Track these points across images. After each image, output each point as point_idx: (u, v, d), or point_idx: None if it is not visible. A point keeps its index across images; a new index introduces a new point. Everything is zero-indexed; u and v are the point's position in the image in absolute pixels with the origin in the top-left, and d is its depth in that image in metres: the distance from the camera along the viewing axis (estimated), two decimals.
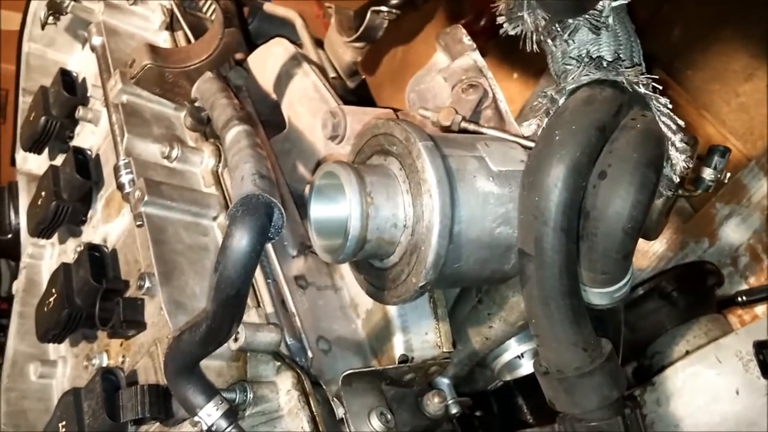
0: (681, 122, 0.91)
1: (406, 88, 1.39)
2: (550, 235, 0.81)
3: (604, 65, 0.87)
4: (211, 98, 1.12)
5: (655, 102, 0.88)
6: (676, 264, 1.96)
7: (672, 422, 1.22)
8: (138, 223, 1.14)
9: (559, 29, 0.89)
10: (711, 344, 1.24)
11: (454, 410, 1.20)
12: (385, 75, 2.16)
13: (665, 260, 2.03)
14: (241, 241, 0.73)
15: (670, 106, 0.89)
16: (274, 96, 1.58)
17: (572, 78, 0.87)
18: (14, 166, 1.74)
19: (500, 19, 0.91)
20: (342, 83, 1.82)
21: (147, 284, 1.08)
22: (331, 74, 1.88)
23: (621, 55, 0.89)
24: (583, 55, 0.89)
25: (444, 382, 1.24)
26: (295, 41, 1.90)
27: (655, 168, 0.84)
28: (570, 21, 0.88)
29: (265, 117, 1.61)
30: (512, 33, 0.91)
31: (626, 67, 0.87)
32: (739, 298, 1.73)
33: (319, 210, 0.95)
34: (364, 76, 1.86)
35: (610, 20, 0.88)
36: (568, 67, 0.89)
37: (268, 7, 1.94)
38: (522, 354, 1.28)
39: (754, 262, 1.81)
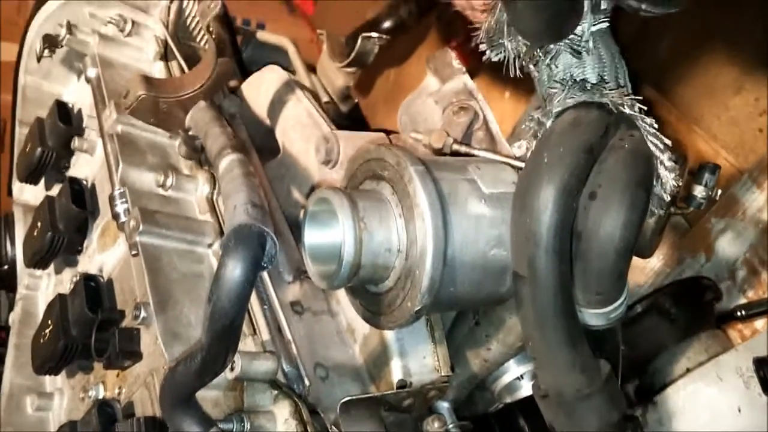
0: (668, 141, 0.92)
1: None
2: (543, 257, 0.82)
3: (588, 87, 0.87)
4: (204, 127, 1.13)
5: (641, 122, 0.88)
6: (674, 279, 1.96)
7: None
8: (133, 252, 1.14)
9: (540, 54, 0.90)
10: (711, 361, 1.24)
11: None
12: (379, 97, 2.17)
13: (663, 276, 2.02)
14: (235, 271, 0.73)
15: (656, 126, 0.90)
16: (268, 122, 1.59)
17: (558, 101, 0.88)
18: (11, 196, 1.75)
19: (482, 47, 0.92)
20: (335, 108, 1.83)
21: (143, 314, 1.08)
22: (324, 99, 1.90)
23: (605, 77, 0.90)
24: (567, 78, 0.89)
25: (444, 406, 1.22)
26: (288, 68, 1.92)
27: (645, 187, 0.84)
28: (551, 46, 0.89)
29: (260, 143, 1.62)
30: (495, 59, 0.92)
31: (610, 89, 0.88)
32: (739, 313, 1.72)
33: (312, 236, 0.95)
34: (357, 100, 1.87)
35: (591, 44, 0.89)
36: (553, 90, 0.90)
37: (261, 35, 1.97)
38: (522, 375, 1.28)
39: (751, 275, 1.81)
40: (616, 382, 0.90)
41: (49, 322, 1.24)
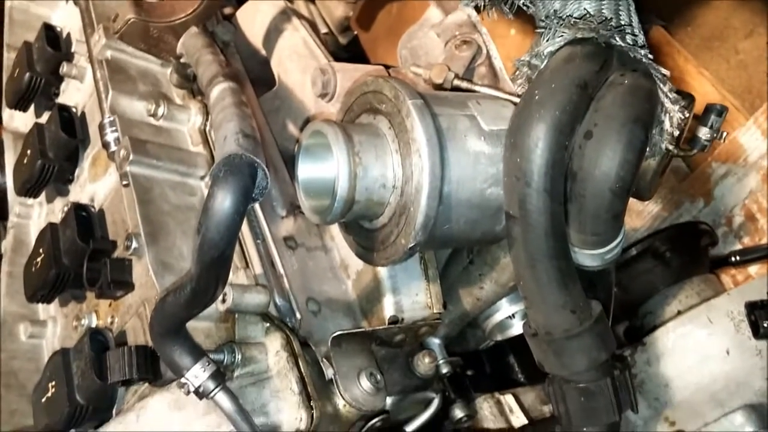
0: (666, 72, 0.89)
1: None
2: (534, 197, 0.80)
3: (579, 24, 0.83)
4: (195, 54, 1.09)
5: (635, 54, 0.84)
6: (671, 224, 1.95)
7: (662, 382, 1.23)
8: (124, 182, 1.12)
9: None
10: (702, 305, 1.24)
11: (444, 370, 1.20)
12: (380, 30, 2.10)
13: (660, 220, 2.02)
14: (224, 202, 0.71)
15: (651, 57, 0.86)
16: (263, 52, 1.54)
17: (547, 40, 0.84)
18: (0, 123, 1.71)
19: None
20: (334, 39, 1.77)
21: (134, 245, 1.07)
22: (323, 30, 1.84)
23: (604, 11, 0.86)
24: (562, 14, 0.86)
25: (435, 342, 1.24)
26: None
27: (643, 124, 0.81)
28: None
29: (255, 74, 1.57)
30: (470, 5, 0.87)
31: (608, 24, 0.84)
32: (733, 258, 1.73)
33: (306, 170, 0.93)
34: (356, 32, 1.81)
35: None
36: (541, 29, 0.86)
37: None
38: (513, 314, 1.28)
39: (748, 222, 1.80)
40: (606, 323, 0.90)
41: (41, 250, 1.22)
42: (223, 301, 0.93)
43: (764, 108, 1.84)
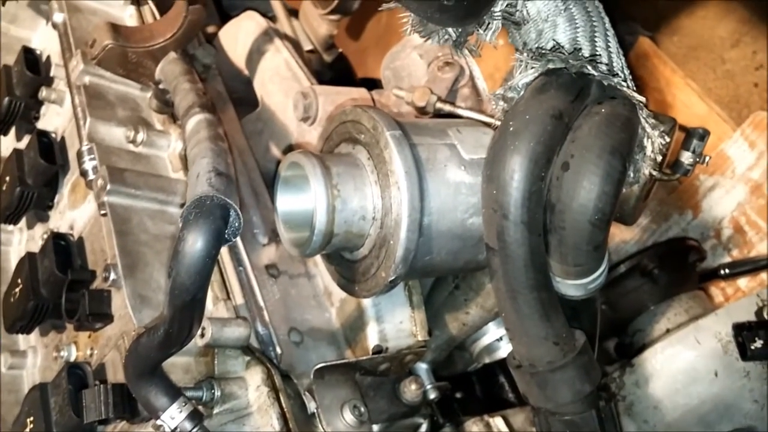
0: (642, 98, 0.88)
1: None
2: (512, 229, 0.79)
3: (549, 56, 0.82)
4: (173, 81, 1.07)
5: (609, 82, 0.83)
6: (660, 235, 1.95)
7: (651, 404, 1.22)
8: (102, 212, 1.10)
9: (481, 30, 0.84)
10: (690, 325, 1.23)
11: (432, 395, 1.19)
12: (369, 41, 2.09)
13: (649, 232, 2.01)
14: (195, 245, 0.69)
15: (628, 82, 0.85)
16: (246, 72, 1.53)
17: (519, 73, 0.83)
18: None
19: (418, 36, 0.86)
20: (318, 57, 1.76)
21: (112, 276, 1.05)
22: (308, 47, 1.83)
23: (578, 39, 0.85)
24: (535, 46, 0.85)
25: (422, 367, 1.22)
26: (268, 12, 1.84)
27: (620, 154, 0.80)
28: (490, 22, 0.82)
29: (239, 94, 1.56)
30: (437, 44, 0.86)
31: (581, 53, 0.83)
32: (722, 271, 1.72)
33: (285, 202, 0.92)
34: (341, 50, 1.80)
35: (527, 12, 0.84)
36: (513, 62, 0.85)
37: None
38: (501, 337, 1.27)
39: (737, 234, 1.80)
40: (590, 354, 0.88)
41: (19, 281, 1.20)
42: (202, 335, 0.92)
43: (751, 120, 1.84)
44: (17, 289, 1.21)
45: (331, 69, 1.78)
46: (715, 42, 2.32)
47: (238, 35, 1.55)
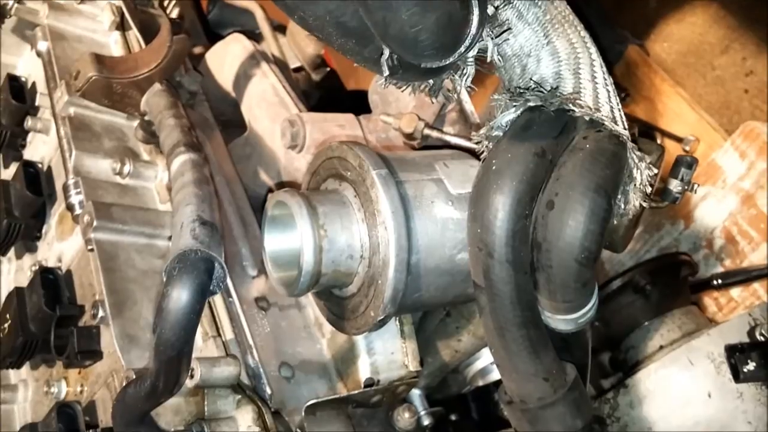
0: (626, 133, 0.87)
1: None
2: (497, 267, 0.78)
3: (527, 95, 0.81)
4: (158, 116, 1.07)
5: (592, 117, 0.83)
6: (652, 245, 1.95)
7: (645, 425, 1.22)
8: (89, 248, 1.09)
9: (457, 76, 0.83)
10: (683, 346, 1.23)
11: (426, 422, 1.18)
12: None
13: (641, 242, 2.01)
14: (179, 301, 0.68)
15: (608, 118, 0.84)
16: (234, 95, 1.52)
17: (500, 113, 0.82)
18: None
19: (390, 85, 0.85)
20: (306, 77, 1.75)
21: (101, 313, 1.04)
22: (296, 64, 1.82)
23: (562, 73, 0.84)
24: (516, 86, 0.84)
25: (415, 393, 1.22)
26: (255, 30, 1.83)
27: (605, 192, 0.79)
28: (464, 68, 0.81)
29: (227, 116, 1.55)
30: (414, 94, 0.85)
31: (557, 92, 0.82)
32: (715, 281, 1.72)
33: (273, 241, 0.91)
34: (329, 68, 1.79)
35: (510, 47, 0.83)
36: (493, 103, 0.84)
37: None
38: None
39: (729, 244, 1.80)
40: (582, 389, 0.88)
41: (8, 316, 1.19)
42: (191, 377, 0.91)
43: (741, 129, 1.84)
44: (6, 325, 1.20)
45: (319, 88, 1.78)
46: (704, 48, 2.32)
47: (225, 58, 1.54)
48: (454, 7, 0.67)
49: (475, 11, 0.72)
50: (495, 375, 1.29)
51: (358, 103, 1.50)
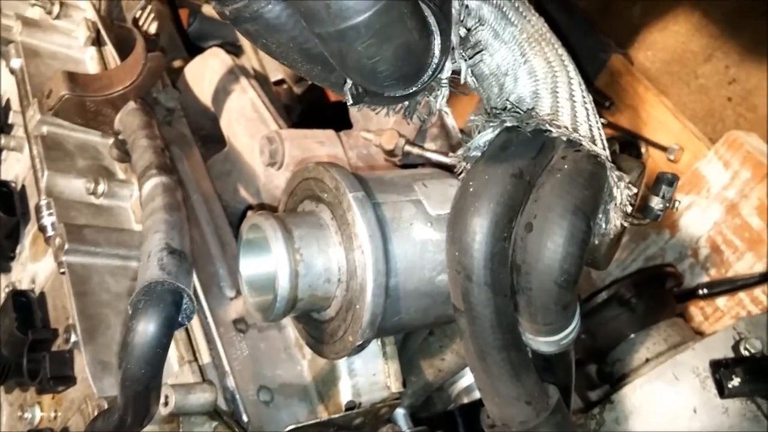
0: (604, 152, 0.86)
1: None
2: (476, 290, 0.77)
3: (503, 116, 0.80)
4: (132, 135, 1.04)
5: (570, 137, 0.81)
6: (638, 255, 1.94)
7: None
8: (61, 270, 1.06)
9: (431, 97, 0.82)
10: (668, 361, 1.22)
11: None
12: None
13: (627, 251, 2.01)
14: (144, 336, 0.66)
15: (583, 139, 0.82)
16: (213, 109, 1.50)
17: (478, 134, 0.81)
18: None
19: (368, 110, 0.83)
20: (289, 90, 1.73)
21: (73, 338, 1.01)
22: (278, 77, 1.80)
23: (539, 92, 0.83)
24: (492, 107, 0.83)
25: (400, 413, 1.19)
26: (235, 42, 1.81)
27: (583, 213, 0.78)
28: (438, 89, 0.80)
29: (207, 130, 1.53)
30: (388, 116, 0.84)
31: (533, 113, 0.81)
32: (701, 291, 1.72)
33: (248, 265, 0.89)
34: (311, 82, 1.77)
35: (487, 67, 0.82)
36: (470, 123, 0.83)
37: (206, 9, 1.83)
38: None
39: (714, 253, 1.80)
40: (564, 411, 0.86)
41: None
42: (166, 404, 0.88)
43: (725, 139, 1.84)
44: None
45: (302, 101, 1.76)
46: (688, 57, 2.33)
47: (204, 72, 1.52)
48: (413, 36, 0.66)
49: (436, 39, 0.70)
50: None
51: (340, 117, 1.49)
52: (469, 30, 0.80)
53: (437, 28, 0.70)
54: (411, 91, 0.73)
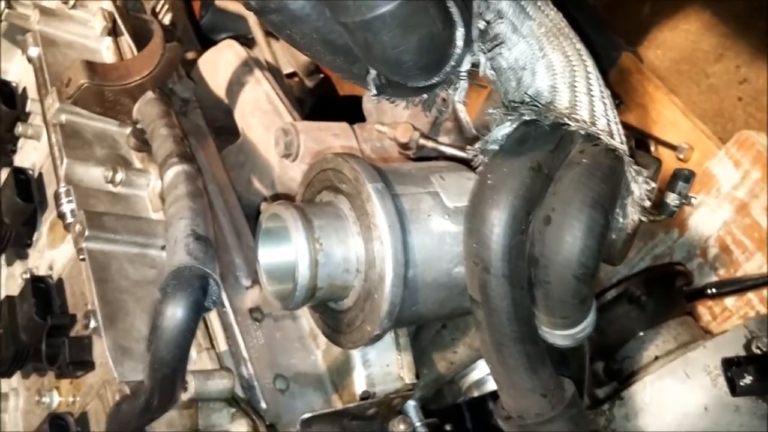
0: (623, 147, 0.87)
1: None
2: (494, 282, 0.78)
3: (521, 109, 0.81)
4: (150, 125, 1.05)
5: (588, 131, 0.82)
6: (646, 254, 1.95)
7: None
8: (81, 257, 1.08)
9: (450, 90, 0.82)
10: (679, 358, 1.22)
11: None
12: None
13: (635, 250, 2.01)
14: (174, 319, 0.67)
15: (601, 133, 0.83)
16: (227, 101, 1.51)
17: (496, 127, 0.82)
18: None
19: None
20: (300, 83, 1.74)
21: (92, 324, 1.02)
22: (289, 70, 1.81)
23: (557, 86, 0.83)
24: (511, 100, 0.83)
25: (411, 405, 1.20)
26: (248, 35, 1.82)
27: (602, 207, 0.79)
28: (457, 82, 0.80)
29: (220, 122, 1.54)
30: (407, 108, 0.84)
31: (551, 106, 0.81)
32: (709, 291, 1.72)
33: (267, 254, 0.90)
34: (322, 75, 1.78)
35: (505, 61, 0.82)
36: (488, 116, 0.84)
37: (220, 2, 1.84)
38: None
39: (723, 253, 1.80)
40: (579, 405, 0.87)
41: None
42: (185, 389, 0.90)
43: (735, 138, 1.84)
44: None
45: (313, 94, 1.77)
46: (698, 56, 2.33)
47: (218, 64, 1.52)
48: (437, 27, 0.67)
49: (459, 30, 0.71)
50: (490, 385, 1.28)
51: (350, 110, 1.50)
52: (488, 23, 0.81)
53: (460, 19, 0.71)
54: (432, 82, 0.74)
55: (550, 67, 0.87)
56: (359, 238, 0.85)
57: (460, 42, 0.72)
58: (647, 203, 0.88)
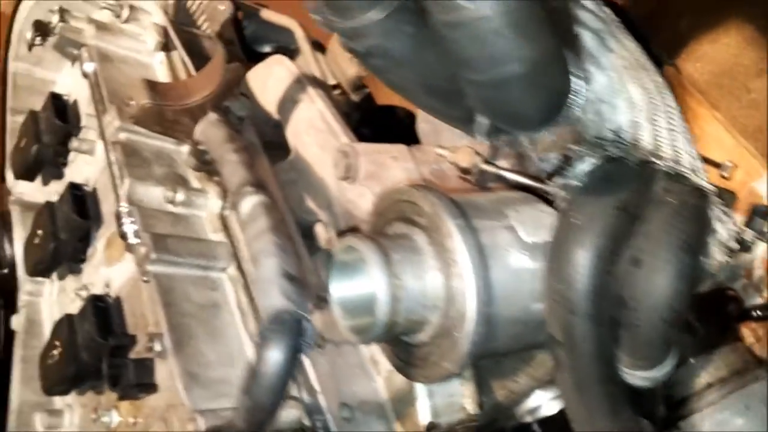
0: (711, 187, 0.86)
1: None
2: (579, 323, 0.77)
3: (606, 146, 0.80)
4: (218, 150, 1.05)
5: (673, 170, 0.81)
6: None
7: None
8: (145, 279, 1.08)
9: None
10: (738, 391, 1.21)
11: None
12: None
13: None
14: (274, 366, 0.67)
15: (686, 170, 0.82)
16: (276, 116, 1.50)
17: (579, 165, 0.81)
18: (3, 182, 1.67)
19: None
20: (346, 98, 1.74)
21: (157, 347, 1.03)
22: (332, 81, 1.80)
23: (639, 121, 0.83)
24: (591, 136, 0.83)
25: None
26: (291, 46, 1.81)
27: (692, 249, 0.78)
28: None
29: (268, 137, 1.53)
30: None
31: (639, 137, 0.80)
32: (754, 313, 1.70)
33: (341, 288, 0.89)
34: (368, 90, 1.77)
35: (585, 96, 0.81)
36: (571, 152, 0.83)
37: (265, 13, 1.84)
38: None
39: None
40: None
41: (57, 343, 1.18)
42: None
43: None
44: (55, 352, 1.19)
45: (359, 108, 1.76)
46: (739, 70, 2.30)
47: (267, 80, 1.52)
48: (563, 82, 0.66)
49: (576, 79, 0.70)
50: (544, 411, 1.27)
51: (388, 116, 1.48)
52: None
53: (576, 67, 0.70)
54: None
55: (631, 101, 0.86)
56: (438, 274, 0.85)
57: (575, 88, 0.71)
58: (735, 246, 0.88)
